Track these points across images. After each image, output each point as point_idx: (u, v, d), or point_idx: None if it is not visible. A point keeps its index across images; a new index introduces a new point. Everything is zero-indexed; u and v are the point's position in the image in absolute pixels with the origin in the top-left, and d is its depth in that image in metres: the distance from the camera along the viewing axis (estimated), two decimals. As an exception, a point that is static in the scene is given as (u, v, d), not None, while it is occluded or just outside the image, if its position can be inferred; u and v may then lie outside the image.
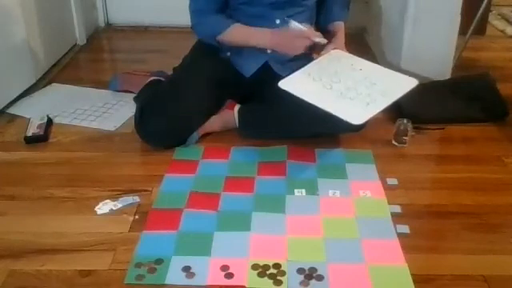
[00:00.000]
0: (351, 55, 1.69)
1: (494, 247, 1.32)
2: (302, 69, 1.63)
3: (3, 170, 1.64)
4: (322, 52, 1.67)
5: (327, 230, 1.35)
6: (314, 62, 1.66)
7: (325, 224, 1.37)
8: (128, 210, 1.44)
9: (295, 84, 1.56)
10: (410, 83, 1.59)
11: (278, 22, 1.72)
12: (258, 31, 1.70)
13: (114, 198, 1.48)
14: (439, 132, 1.88)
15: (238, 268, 1.22)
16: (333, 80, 1.58)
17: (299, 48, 1.63)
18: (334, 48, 1.68)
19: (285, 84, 1.55)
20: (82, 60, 2.59)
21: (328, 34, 1.74)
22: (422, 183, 1.59)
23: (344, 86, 1.56)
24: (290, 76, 1.60)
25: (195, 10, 1.74)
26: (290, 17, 1.73)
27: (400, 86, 1.58)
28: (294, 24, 1.62)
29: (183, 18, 1.79)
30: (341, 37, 1.74)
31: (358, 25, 2.79)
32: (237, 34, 1.71)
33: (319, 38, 1.63)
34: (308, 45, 1.63)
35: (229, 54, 1.77)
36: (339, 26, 1.78)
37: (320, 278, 1.20)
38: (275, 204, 1.45)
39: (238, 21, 1.71)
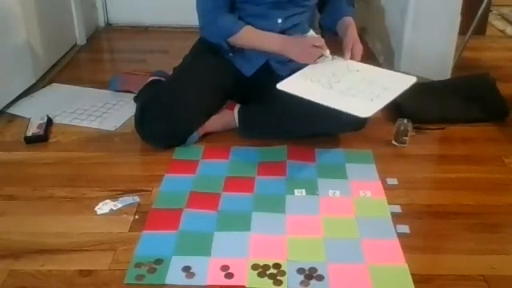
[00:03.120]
0: (345, 59, 1.69)
1: (494, 247, 1.32)
2: (299, 72, 1.63)
3: (3, 170, 1.64)
4: (344, 46, 1.68)
5: (327, 230, 1.35)
6: (309, 66, 1.66)
7: (325, 224, 1.37)
8: (128, 209, 1.44)
9: (294, 85, 1.56)
10: (409, 80, 1.59)
11: (279, 21, 1.72)
12: (270, 35, 1.70)
13: (114, 197, 1.48)
14: (439, 132, 1.88)
15: (238, 268, 1.22)
16: (332, 80, 1.58)
17: (313, 56, 1.64)
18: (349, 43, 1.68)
19: (283, 86, 1.55)
20: (82, 60, 2.59)
21: (339, 31, 1.75)
22: (422, 183, 1.59)
23: (344, 86, 1.56)
24: (288, 78, 1.59)
25: (205, 10, 1.72)
26: (292, 16, 1.73)
27: (399, 82, 1.59)
28: (312, 33, 1.65)
29: (183, 17, 1.79)
30: (353, 32, 1.72)
31: (358, 25, 2.79)
32: (248, 36, 1.70)
33: (327, 52, 1.65)
34: (319, 56, 1.64)
35: (231, 54, 1.77)
36: (349, 22, 1.76)
37: (320, 277, 1.20)
38: (275, 204, 1.45)
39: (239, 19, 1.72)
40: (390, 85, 1.56)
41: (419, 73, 2.14)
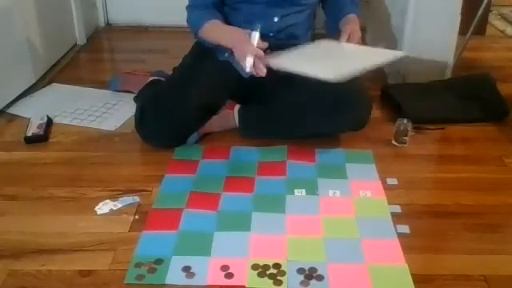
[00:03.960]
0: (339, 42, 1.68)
1: (494, 247, 1.32)
2: (289, 51, 1.62)
3: (3, 170, 1.64)
4: (341, 33, 1.66)
5: (327, 230, 1.35)
6: (301, 47, 1.65)
7: (325, 224, 1.37)
8: (128, 209, 1.44)
9: (279, 61, 1.53)
10: (396, 54, 1.60)
11: (276, 19, 1.71)
12: (226, 29, 1.67)
13: (114, 197, 1.48)
14: (439, 132, 1.88)
15: (238, 268, 1.22)
16: (317, 54, 1.59)
17: (244, 55, 1.52)
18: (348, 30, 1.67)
19: (270, 61, 1.52)
20: (82, 60, 2.59)
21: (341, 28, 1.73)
22: (422, 183, 1.59)
23: (326, 57, 1.57)
24: (276, 57, 1.57)
25: (187, 6, 1.75)
26: (289, 15, 1.73)
27: (384, 55, 1.60)
28: (255, 34, 1.53)
29: (183, 18, 1.79)
30: (354, 25, 1.68)
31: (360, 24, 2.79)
32: (209, 30, 1.69)
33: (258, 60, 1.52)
34: (251, 58, 1.51)
35: (227, 54, 1.77)
36: (352, 17, 1.74)
37: (320, 277, 1.20)
38: (275, 204, 1.45)
39: (236, 19, 1.71)
40: (374, 56, 1.56)
41: (419, 73, 2.15)
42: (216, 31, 1.70)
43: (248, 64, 1.51)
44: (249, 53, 1.51)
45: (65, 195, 1.50)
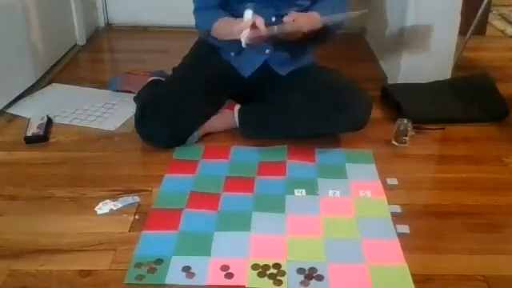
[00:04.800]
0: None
1: (494, 247, 1.32)
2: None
3: (3, 169, 1.64)
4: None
5: (327, 230, 1.35)
6: None
7: (325, 224, 1.37)
8: (128, 209, 1.44)
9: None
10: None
11: (273, 19, 1.71)
12: (227, 23, 1.65)
13: (113, 197, 1.48)
14: (439, 132, 1.88)
15: (238, 268, 1.22)
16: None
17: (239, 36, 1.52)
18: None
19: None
20: (81, 60, 2.59)
21: None
22: (422, 183, 1.59)
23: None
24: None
25: (195, 9, 1.75)
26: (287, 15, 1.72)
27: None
28: (247, 13, 1.53)
29: (183, 18, 1.80)
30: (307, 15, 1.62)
31: (358, 25, 2.80)
32: (219, 27, 1.68)
33: (244, 33, 1.50)
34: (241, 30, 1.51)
35: (233, 54, 1.76)
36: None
37: (320, 278, 1.20)
38: (275, 204, 1.45)
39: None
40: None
41: (419, 73, 2.15)
42: (220, 28, 1.68)
43: (243, 39, 1.49)
44: (237, 31, 1.50)
45: (65, 195, 1.50)
